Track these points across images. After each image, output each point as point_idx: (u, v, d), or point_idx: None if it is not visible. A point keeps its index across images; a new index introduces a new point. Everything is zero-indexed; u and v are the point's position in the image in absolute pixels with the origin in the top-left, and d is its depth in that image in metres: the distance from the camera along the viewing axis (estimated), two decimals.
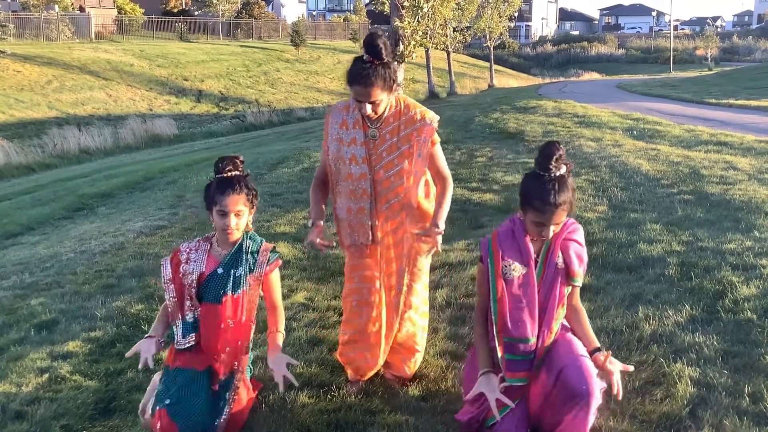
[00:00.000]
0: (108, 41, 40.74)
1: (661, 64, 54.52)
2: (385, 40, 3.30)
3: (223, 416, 3.16)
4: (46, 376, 3.97)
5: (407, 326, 3.65)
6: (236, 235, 3.25)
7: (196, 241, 3.36)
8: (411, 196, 3.45)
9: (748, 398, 3.32)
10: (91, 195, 11.26)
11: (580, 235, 3.11)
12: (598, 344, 3.06)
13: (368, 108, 3.30)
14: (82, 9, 44.51)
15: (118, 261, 6.38)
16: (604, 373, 2.90)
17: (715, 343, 3.87)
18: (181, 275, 3.26)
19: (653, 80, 32.92)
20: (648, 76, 37.82)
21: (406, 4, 14.60)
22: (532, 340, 3.02)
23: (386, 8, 14.64)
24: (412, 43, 14.75)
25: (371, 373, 3.71)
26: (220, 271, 3.24)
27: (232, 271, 3.25)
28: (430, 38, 14.91)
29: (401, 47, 14.35)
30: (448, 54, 39.22)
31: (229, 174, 3.19)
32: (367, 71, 3.23)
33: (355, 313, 3.60)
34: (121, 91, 31.48)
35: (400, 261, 3.53)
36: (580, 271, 3.07)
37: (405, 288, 3.56)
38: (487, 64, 47.58)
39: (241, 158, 3.27)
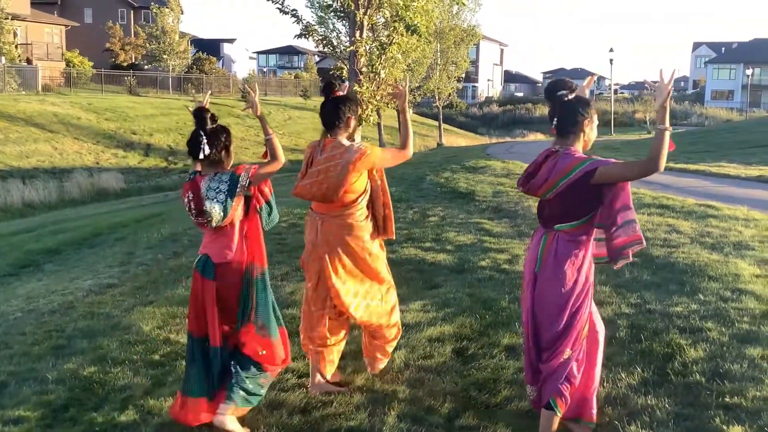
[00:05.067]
0: (55, 94, 40.19)
1: (602, 126, 56.08)
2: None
3: None
4: None
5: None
6: None
7: None
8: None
9: None
10: (37, 251, 11.04)
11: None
12: None
13: None
14: (29, 61, 44.03)
15: (68, 321, 6.26)
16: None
17: (666, 405, 3.99)
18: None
19: (595, 143, 33.72)
20: None
21: (364, 70, 14.88)
22: None
23: (345, 73, 14.91)
24: (370, 107, 15.02)
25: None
26: None
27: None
28: (382, 98, 15.14)
29: (359, 111, 14.61)
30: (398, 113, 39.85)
31: None
32: None
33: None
34: (67, 144, 31.01)
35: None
36: None
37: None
38: (436, 123, 48.62)
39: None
